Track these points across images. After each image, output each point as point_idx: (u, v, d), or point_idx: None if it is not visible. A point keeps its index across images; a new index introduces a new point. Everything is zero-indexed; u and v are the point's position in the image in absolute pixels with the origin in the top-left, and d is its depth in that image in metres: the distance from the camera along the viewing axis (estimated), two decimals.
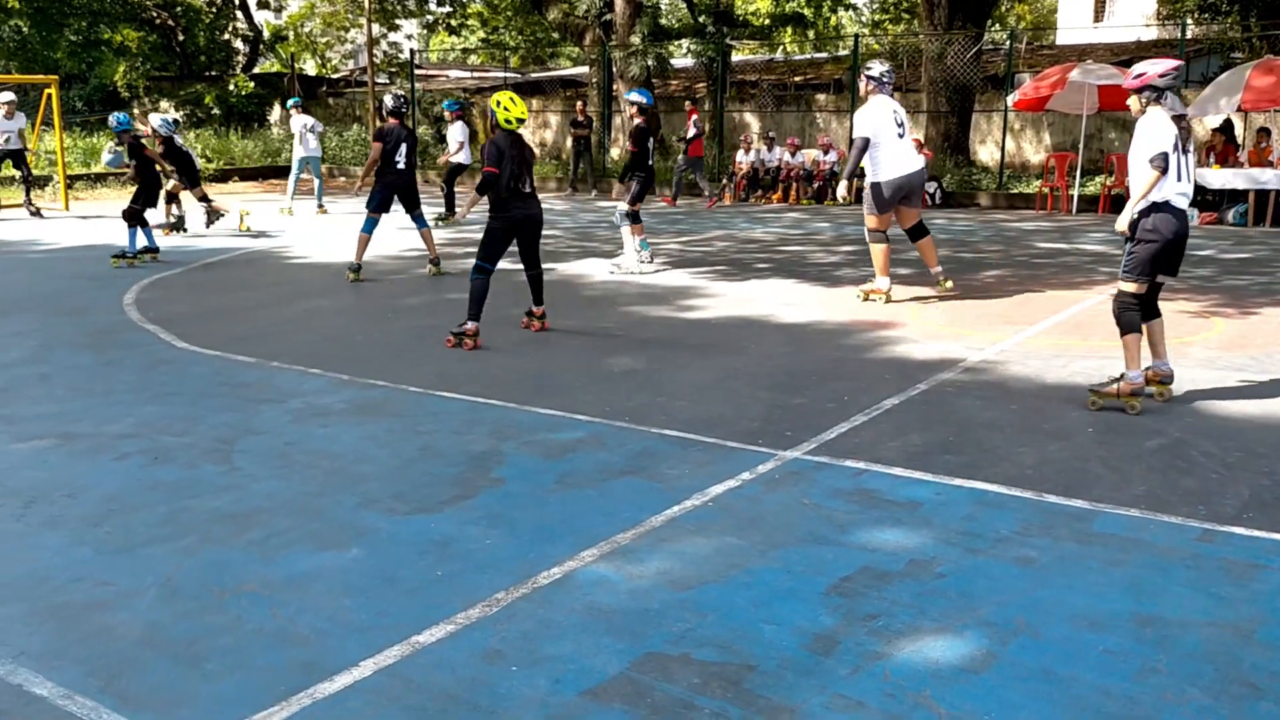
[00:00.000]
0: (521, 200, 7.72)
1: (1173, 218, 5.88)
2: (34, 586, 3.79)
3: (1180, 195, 5.89)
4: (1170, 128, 5.85)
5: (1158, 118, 5.89)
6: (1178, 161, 5.84)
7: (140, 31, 28.62)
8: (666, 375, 6.86)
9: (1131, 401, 5.97)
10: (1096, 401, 6.06)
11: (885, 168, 9.03)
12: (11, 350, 7.47)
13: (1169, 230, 5.88)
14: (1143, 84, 5.97)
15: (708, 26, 23.29)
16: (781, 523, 4.41)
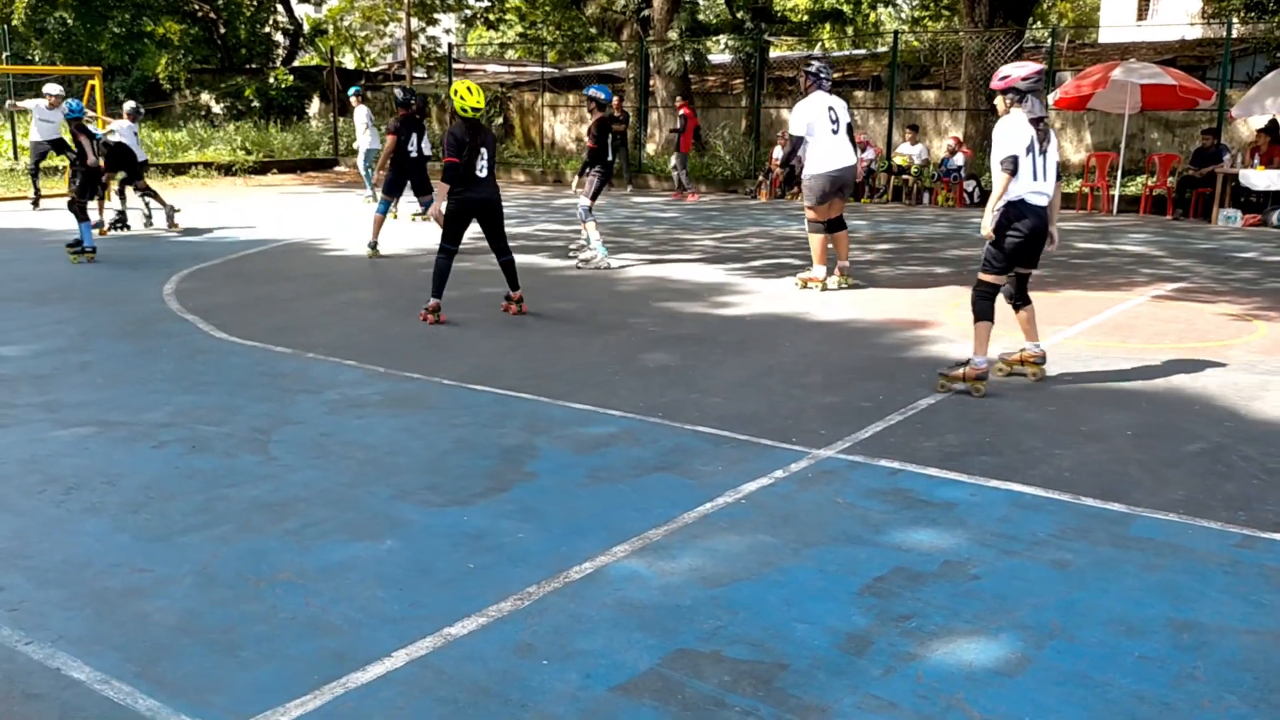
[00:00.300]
0: (478, 184, 8.15)
1: (1028, 215, 6.19)
2: (74, 572, 3.84)
3: (1036, 194, 6.20)
4: (1027, 130, 6.16)
5: (1015, 120, 6.20)
6: (1033, 162, 6.16)
7: (182, 24, 28.92)
8: (700, 371, 6.85)
9: (976, 385, 6.27)
10: (945, 385, 6.36)
11: (821, 162, 9.39)
12: (53, 338, 7.57)
13: (1025, 227, 6.21)
14: (1006, 86, 6.27)
15: (746, 22, 23.23)
16: (814, 521, 4.39)
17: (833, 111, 9.39)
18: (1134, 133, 19.12)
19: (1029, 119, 6.21)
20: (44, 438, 5.35)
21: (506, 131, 27.89)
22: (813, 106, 9.43)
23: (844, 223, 9.88)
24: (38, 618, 3.49)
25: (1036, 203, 6.23)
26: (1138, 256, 12.33)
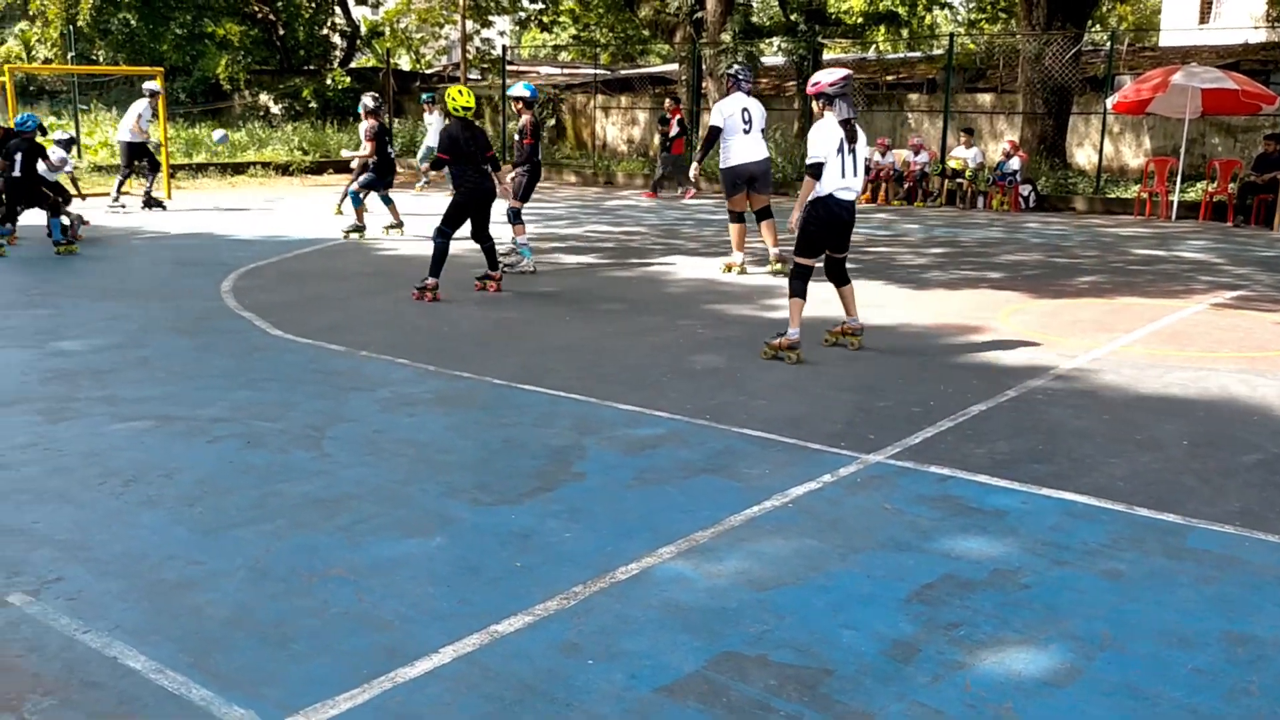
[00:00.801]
0: (477, 174, 9.19)
1: (835, 207, 7.05)
2: (131, 563, 3.93)
3: (843, 189, 7.02)
4: (836, 132, 6.92)
5: (825, 124, 6.98)
6: (842, 161, 6.94)
7: (242, 26, 29.38)
8: (749, 374, 6.84)
9: (790, 354, 7.11)
10: (766, 352, 7.20)
11: (731, 156, 10.29)
12: (114, 334, 7.73)
13: (830, 217, 7.07)
14: (816, 91, 7.07)
15: (800, 24, 23.13)
16: (862, 527, 4.37)
17: (746, 112, 10.23)
18: (1194, 138, 18.78)
19: (838, 120, 6.94)
20: (103, 431, 5.47)
21: (559, 133, 28.01)
22: (730, 105, 10.28)
23: (770, 213, 10.70)
24: (96, 608, 3.57)
25: (843, 197, 7.06)
26: (1197, 263, 12.11)
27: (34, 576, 3.78)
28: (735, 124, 10.22)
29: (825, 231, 7.14)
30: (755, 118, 10.28)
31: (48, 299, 8.99)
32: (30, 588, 3.70)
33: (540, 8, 31.53)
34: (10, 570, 3.83)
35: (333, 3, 31.89)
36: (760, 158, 10.37)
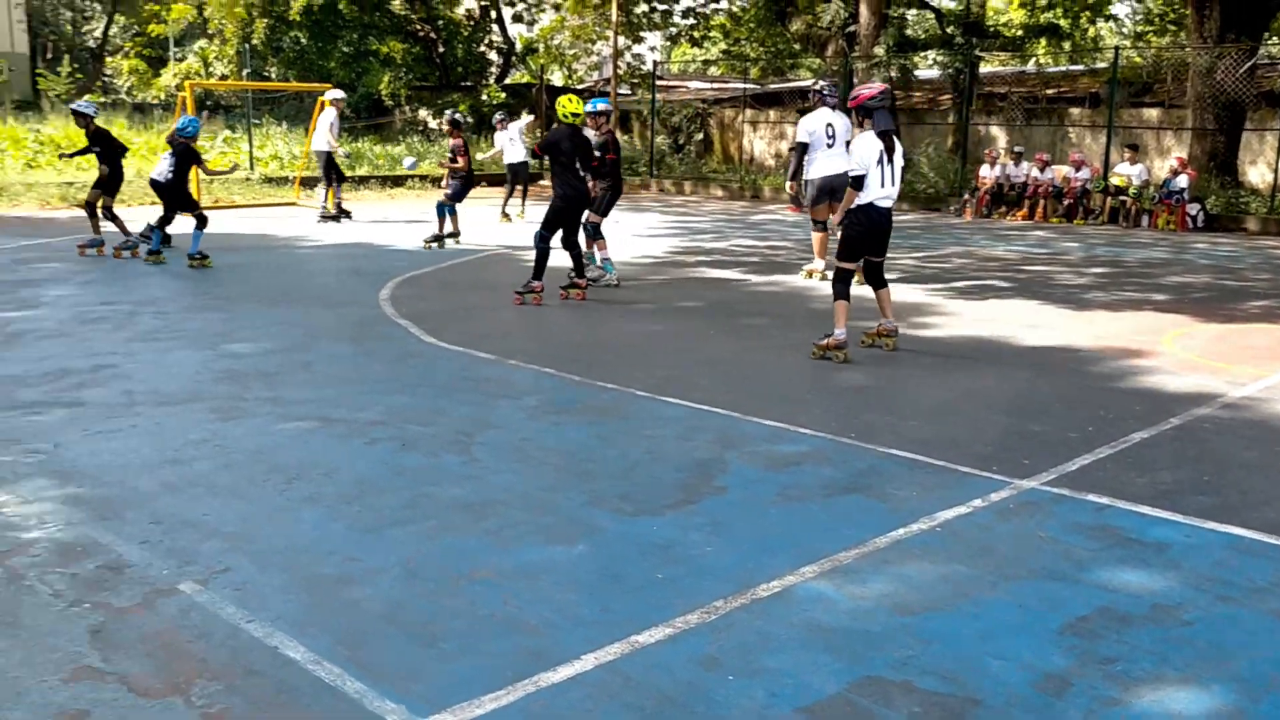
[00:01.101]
0: (576, 180, 9.50)
1: (875, 214, 7.43)
2: (293, 557, 4.11)
3: (883, 198, 7.42)
4: (875, 145, 7.27)
5: (866, 138, 7.34)
6: (881, 172, 7.31)
7: (405, 44, 30.46)
8: (897, 393, 6.72)
9: (837, 353, 7.44)
10: (815, 353, 7.54)
11: (815, 169, 10.69)
12: (281, 338, 8.11)
13: (870, 224, 7.46)
14: (857, 104, 7.41)
15: (956, 37, 22.65)
16: (1014, 554, 4.24)
17: (830, 127, 10.62)
18: None
19: (877, 133, 7.31)
20: (270, 430, 5.73)
21: (706, 147, 28.09)
22: (815, 121, 10.72)
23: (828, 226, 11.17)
24: (260, 598, 3.75)
25: (883, 205, 7.45)
26: None
27: (204, 566, 3.99)
28: (820, 139, 10.63)
29: (866, 237, 7.56)
30: (839, 132, 10.58)
31: (221, 304, 9.49)
32: (200, 577, 3.90)
33: (691, 23, 31.71)
34: (183, 559, 4.05)
35: (490, 21, 32.79)
36: (841, 170, 10.19)
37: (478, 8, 32.73)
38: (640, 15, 30.30)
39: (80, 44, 55.34)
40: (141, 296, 9.67)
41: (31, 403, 6.14)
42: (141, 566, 3.98)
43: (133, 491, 4.76)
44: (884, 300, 7.88)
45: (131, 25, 49.92)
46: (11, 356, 7.25)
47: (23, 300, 9.36)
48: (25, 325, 8.28)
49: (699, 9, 30.95)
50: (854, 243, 7.56)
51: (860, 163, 7.29)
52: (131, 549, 4.13)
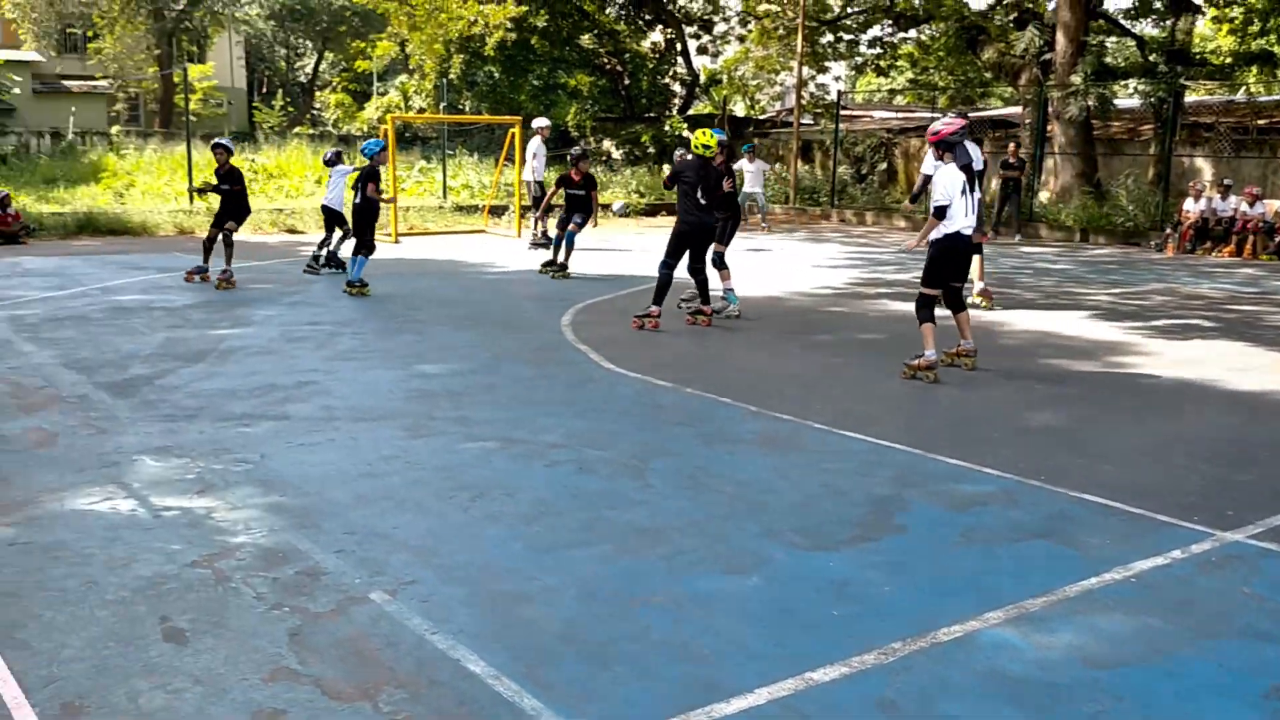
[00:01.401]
0: (698, 210, 9.75)
1: (959, 242, 7.79)
2: (475, 573, 4.24)
3: (966, 227, 7.79)
4: (958, 177, 7.68)
5: (949, 171, 7.70)
6: (965, 203, 7.72)
7: (592, 77, 31.24)
8: (1090, 435, 6.42)
9: (928, 374, 7.73)
10: (906, 373, 7.83)
11: None
12: (468, 360, 8.40)
13: (955, 252, 7.82)
14: (937, 139, 7.85)
15: (1159, 65, 21.60)
16: (1216, 611, 3.98)
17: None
18: None
19: (959, 166, 7.69)
20: (456, 449, 5.94)
21: (890, 177, 27.66)
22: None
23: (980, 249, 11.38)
24: (444, 611, 3.88)
25: (966, 233, 7.80)
26: None
27: (393, 578, 4.17)
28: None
29: (950, 264, 7.92)
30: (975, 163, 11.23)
31: (413, 326, 9.91)
32: (389, 587, 4.07)
33: (877, 53, 31.34)
34: (374, 570, 4.24)
35: (675, 54, 33.27)
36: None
37: (663, 41, 33.26)
38: (825, 45, 30.16)
39: (293, 79, 59.11)
40: (341, 318, 10.20)
41: (242, 415, 6.55)
42: (336, 574, 4.18)
43: (330, 502, 5.01)
44: (963, 322, 8.21)
45: (339, 61, 53.04)
46: (225, 371, 7.76)
47: (236, 319, 10.01)
48: (237, 343, 8.85)
49: (886, 38, 30.58)
50: (940, 270, 7.90)
51: (945, 194, 7.62)
52: (328, 557, 4.35)
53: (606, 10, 31.06)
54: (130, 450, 5.80)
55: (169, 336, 9.04)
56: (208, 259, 12.45)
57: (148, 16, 41.49)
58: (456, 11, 25.64)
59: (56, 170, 24.76)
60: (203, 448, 5.85)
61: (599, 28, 30.66)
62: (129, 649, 3.56)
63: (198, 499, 5.03)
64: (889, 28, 29.67)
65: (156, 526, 4.68)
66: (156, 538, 4.54)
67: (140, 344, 8.70)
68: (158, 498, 5.05)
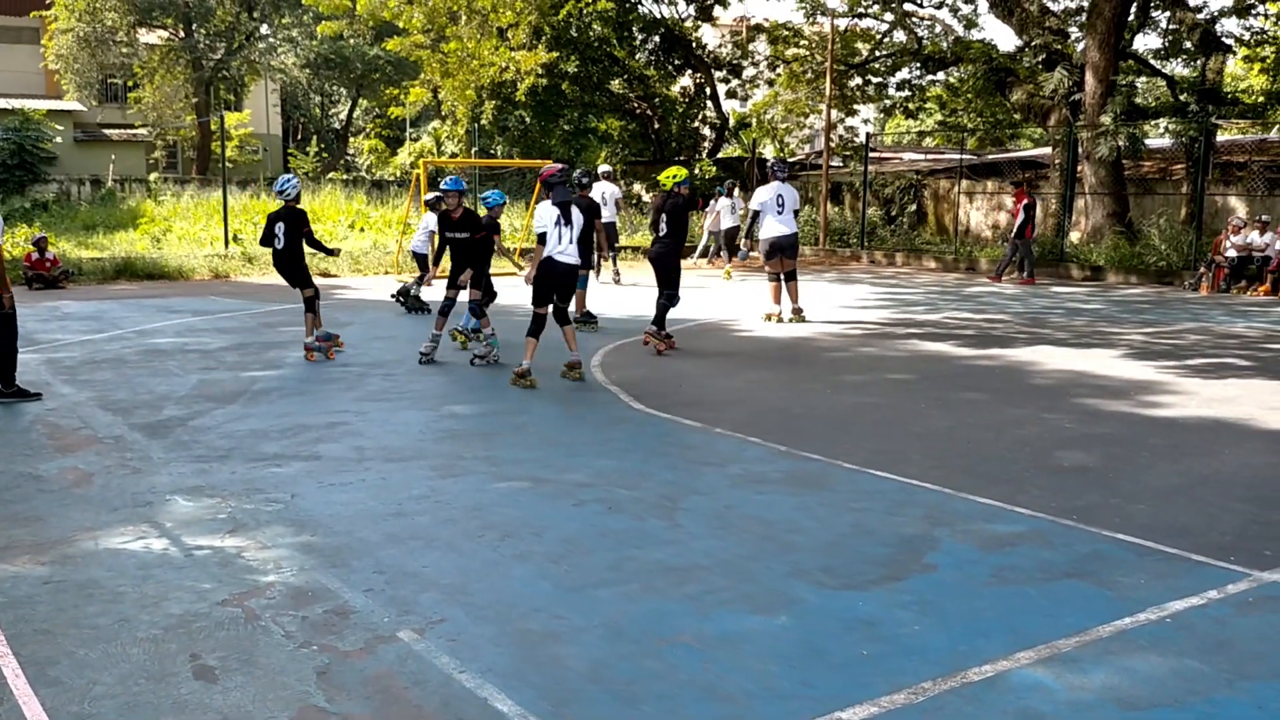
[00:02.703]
0: (659, 241, 10.97)
1: (555, 266, 9.05)
2: (503, 611, 4.24)
3: (560, 254, 9.02)
4: (553, 212, 9.01)
5: (545, 206, 9.15)
6: (559, 232, 9.01)
7: (621, 121, 31.53)
8: (1123, 475, 6.36)
9: (522, 381, 8.87)
10: (512, 380, 8.97)
11: (765, 230, 13.00)
12: (498, 401, 8.45)
13: (550, 274, 9.07)
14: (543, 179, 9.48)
15: (1190, 105, 21.54)
16: (1254, 652, 3.92)
17: (780, 197, 12.93)
18: None
19: (554, 203, 9.08)
20: (485, 489, 5.97)
21: (920, 218, 27.65)
22: (767, 191, 13.03)
23: (795, 275, 13.36)
24: (472, 649, 3.88)
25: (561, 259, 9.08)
26: None
27: (421, 616, 4.18)
28: (770, 206, 12.90)
29: (547, 285, 9.10)
30: (787, 201, 12.93)
31: (443, 368, 9.98)
32: (418, 626, 4.08)
33: (906, 95, 31.46)
34: (402, 609, 4.25)
35: (705, 98, 33.53)
36: (789, 232, 13.00)
37: (692, 85, 33.55)
38: (854, 89, 30.32)
39: (327, 125, 60.04)
40: (372, 359, 10.29)
41: (273, 455, 6.61)
42: (365, 613, 4.20)
43: (360, 541, 5.04)
44: (568, 336, 9.45)
45: (373, 108, 53.83)
46: (257, 412, 7.84)
47: (268, 361, 10.12)
48: (270, 384, 8.94)
49: (914, 81, 30.70)
50: (540, 290, 9.12)
51: (541, 224, 9.02)
52: (356, 596, 4.37)
53: (636, 56, 31.35)
54: (163, 490, 5.87)
55: (202, 379, 9.15)
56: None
57: (186, 66, 42.36)
58: (488, 58, 26.01)
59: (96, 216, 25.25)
60: (234, 487, 5.90)
61: (629, 73, 30.96)
62: (160, 686, 3.58)
63: (229, 538, 5.07)
64: (917, 70, 29.78)
65: (188, 565, 4.72)
66: (188, 576, 4.58)
67: (174, 386, 8.81)
68: (190, 537, 5.10)
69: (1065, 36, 24.62)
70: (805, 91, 30.70)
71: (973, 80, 26.99)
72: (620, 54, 30.19)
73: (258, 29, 45.41)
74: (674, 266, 10.93)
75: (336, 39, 46.45)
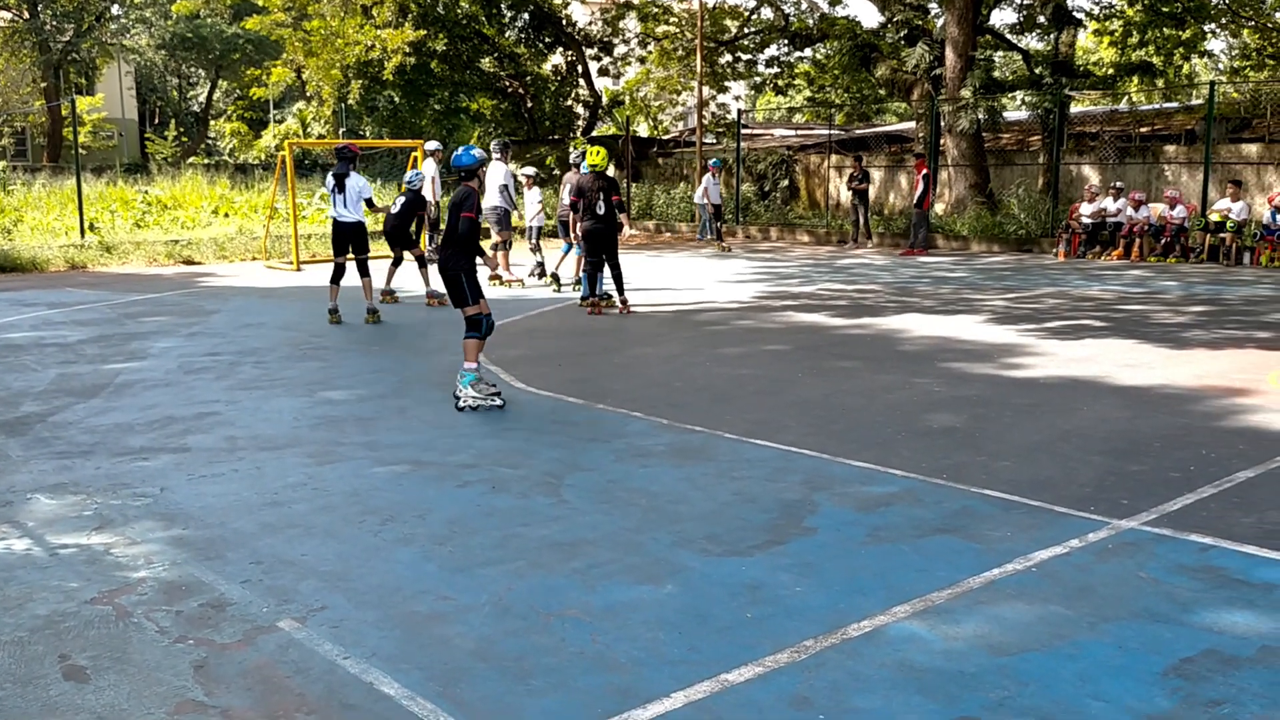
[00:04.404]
0: (593, 219, 11.80)
1: (338, 226, 11.72)
2: (386, 595, 4.19)
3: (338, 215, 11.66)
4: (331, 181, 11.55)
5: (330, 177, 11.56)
6: (333, 198, 11.67)
7: (494, 100, 31.17)
8: (989, 434, 6.61)
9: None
10: None
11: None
12: (376, 385, 8.30)
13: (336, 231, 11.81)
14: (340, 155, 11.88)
15: (1045, 78, 22.38)
16: (1113, 595, 4.13)
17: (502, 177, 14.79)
18: None
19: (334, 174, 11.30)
20: (365, 474, 5.87)
21: (792, 194, 28.10)
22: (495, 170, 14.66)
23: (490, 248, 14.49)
24: (355, 635, 3.83)
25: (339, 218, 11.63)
26: None
27: (302, 605, 4.10)
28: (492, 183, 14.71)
29: (335, 241, 11.77)
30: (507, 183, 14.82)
31: (318, 353, 9.76)
32: (298, 615, 4.00)
33: (776, 72, 31.88)
34: (281, 598, 4.16)
35: (577, 76, 33.38)
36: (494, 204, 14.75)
37: (564, 63, 33.37)
38: (724, 66, 30.58)
39: (185, 109, 57.86)
40: (243, 347, 10.00)
41: (139, 449, 6.38)
42: (242, 605, 4.10)
43: (234, 533, 4.91)
44: (366, 287, 11.61)
45: (234, 90, 52.06)
46: (121, 405, 7.55)
47: (131, 352, 9.75)
48: (134, 376, 8.62)
49: (783, 58, 31.13)
50: (334, 245, 11.69)
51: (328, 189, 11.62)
52: (233, 588, 4.26)
53: (506, 34, 31.01)
54: (23, 489, 5.61)
55: (61, 373, 8.76)
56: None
57: (33, 49, 40.25)
58: (353, 37, 25.42)
59: None
60: (99, 483, 5.68)
61: (499, 51, 30.61)
62: (27, 689, 3.44)
63: (95, 535, 4.89)
64: (785, 47, 30.23)
65: (53, 565, 4.53)
66: (53, 576, 4.40)
67: (31, 381, 8.42)
68: (53, 536, 4.89)
69: (925, 12, 25.27)
70: (677, 69, 30.87)
71: (839, 57, 27.48)
72: (490, 32, 29.82)
73: (108, 9, 43.40)
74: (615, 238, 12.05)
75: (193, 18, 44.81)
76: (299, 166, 27.09)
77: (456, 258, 7.57)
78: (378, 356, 9.55)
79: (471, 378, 7.47)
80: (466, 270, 7.57)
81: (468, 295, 7.62)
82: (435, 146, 17.50)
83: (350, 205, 11.60)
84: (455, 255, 7.58)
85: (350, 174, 11.65)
